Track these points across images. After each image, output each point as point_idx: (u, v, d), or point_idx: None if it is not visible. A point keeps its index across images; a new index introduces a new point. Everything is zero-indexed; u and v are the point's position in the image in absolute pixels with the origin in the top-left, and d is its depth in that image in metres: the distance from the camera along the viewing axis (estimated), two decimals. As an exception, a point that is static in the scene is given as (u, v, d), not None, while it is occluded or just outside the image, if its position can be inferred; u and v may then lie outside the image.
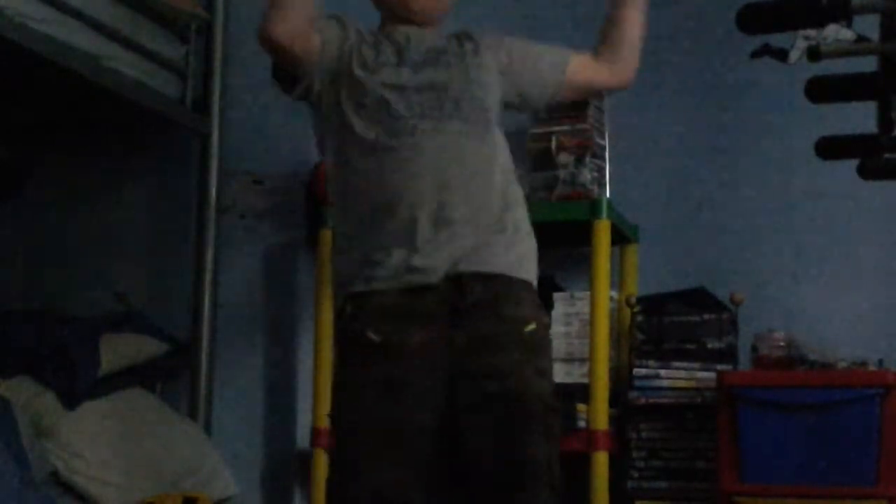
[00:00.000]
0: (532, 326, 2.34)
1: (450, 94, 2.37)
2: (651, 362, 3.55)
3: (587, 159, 3.59)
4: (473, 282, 2.29)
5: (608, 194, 3.65)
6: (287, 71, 2.41)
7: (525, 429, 2.28)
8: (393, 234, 2.30)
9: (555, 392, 2.39)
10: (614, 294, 3.66)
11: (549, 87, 2.55)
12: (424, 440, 2.26)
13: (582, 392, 3.45)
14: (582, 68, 2.57)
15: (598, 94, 2.67)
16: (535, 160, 3.62)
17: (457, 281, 2.28)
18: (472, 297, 2.28)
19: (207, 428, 3.74)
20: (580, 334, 3.57)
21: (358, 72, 2.37)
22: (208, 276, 3.80)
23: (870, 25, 2.49)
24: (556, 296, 3.64)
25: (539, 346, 2.38)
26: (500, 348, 2.29)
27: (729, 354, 3.52)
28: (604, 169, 3.69)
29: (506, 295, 2.32)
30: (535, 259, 2.41)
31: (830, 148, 2.67)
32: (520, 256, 2.37)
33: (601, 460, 3.36)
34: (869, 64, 2.58)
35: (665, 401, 3.52)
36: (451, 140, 2.34)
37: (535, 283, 2.40)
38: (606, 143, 3.71)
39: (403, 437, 2.25)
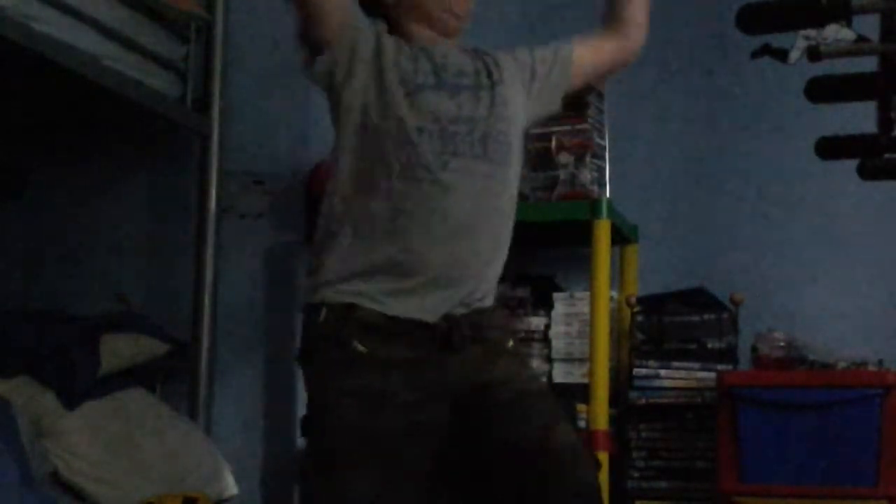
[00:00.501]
0: (511, 343, 2.37)
1: (479, 130, 2.27)
2: (651, 362, 3.55)
3: (587, 159, 3.60)
4: (461, 318, 2.27)
5: (608, 194, 3.65)
6: (311, 36, 2.27)
7: (554, 419, 2.25)
8: (397, 263, 2.24)
9: None
10: (614, 294, 3.66)
11: (563, 89, 2.47)
12: (408, 454, 2.23)
13: (582, 392, 3.45)
14: (588, 53, 2.48)
15: (608, 74, 2.59)
16: (535, 160, 3.62)
17: (446, 320, 2.26)
18: (459, 330, 2.25)
19: (207, 428, 3.74)
20: (580, 334, 3.57)
21: (396, 88, 2.25)
22: (208, 276, 3.80)
23: (870, 25, 2.49)
24: (556, 296, 3.64)
25: (522, 357, 2.45)
26: (495, 363, 2.29)
27: (729, 354, 3.52)
28: (604, 169, 3.69)
29: (487, 321, 2.31)
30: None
31: (830, 148, 2.67)
32: (495, 285, 2.37)
33: (601, 460, 3.36)
34: (869, 64, 2.58)
35: (665, 401, 3.52)
36: (478, 183, 2.26)
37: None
38: (606, 143, 3.71)
39: (385, 449, 2.21)
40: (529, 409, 2.26)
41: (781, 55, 2.63)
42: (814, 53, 2.53)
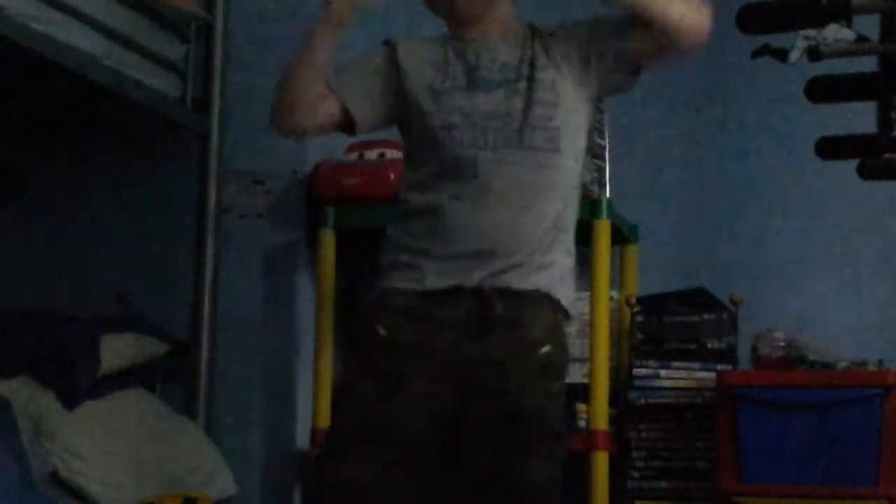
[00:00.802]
0: (547, 349, 2.31)
1: (515, 122, 2.30)
2: (651, 362, 3.55)
3: (587, 159, 3.59)
4: (495, 298, 2.27)
5: (608, 194, 3.65)
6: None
7: (527, 451, 2.25)
8: (432, 250, 2.30)
9: (562, 418, 2.38)
10: (614, 294, 3.66)
11: (626, 57, 2.34)
12: (411, 441, 2.25)
13: (582, 392, 3.45)
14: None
15: (668, 53, 2.33)
16: (535, 160, 3.62)
17: (479, 294, 2.27)
18: (492, 312, 2.26)
19: (207, 428, 3.73)
20: (580, 334, 3.57)
21: (424, 96, 2.34)
22: (208, 276, 3.80)
23: (870, 25, 2.50)
24: (557, 296, 3.64)
25: (552, 368, 2.33)
26: (511, 368, 2.27)
27: (729, 354, 3.52)
28: (604, 169, 3.69)
29: (525, 315, 2.29)
30: (565, 277, 2.37)
31: (830, 148, 2.68)
32: (549, 275, 2.33)
33: (601, 460, 3.36)
34: (869, 64, 2.58)
35: (665, 401, 3.52)
36: (512, 172, 2.29)
37: (563, 300, 2.36)
38: (606, 143, 3.71)
39: (389, 434, 2.24)
40: (508, 436, 2.25)
41: (781, 55, 2.62)
42: (814, 53, 2.54)
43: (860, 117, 2.63)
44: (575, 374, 3.57)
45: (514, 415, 2.26)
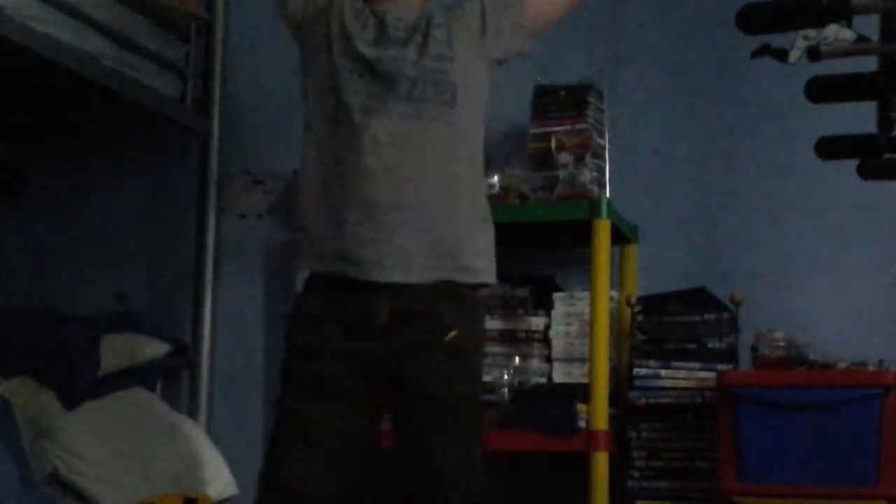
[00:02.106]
0: (453, 334, 2.33)
1: (413, 75, 2.32)
2: (651, 362, 3.55)
3: (587, 159, 3.59)
4: (395, 294, 2.29)
5: (608, 194, 3.65)
6: None
7: (440, 430, 2.30)
8: (327, 218, 2.31)
9: (478, 399, 2.43)
10: (614, 294, 3.65)
11: (522, 30, 2.47)
12: (339, 438, 2.31)
13: (582, 392, 3.44)
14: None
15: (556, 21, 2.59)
16: (535, 160, 3.62)
17: (379, 290, 2.29)
18: (395, 309, 2.29)
19: (207, 428, 3.74)
20: (580, 334, 3.57)
21: (334, 41, 2.38)
22: (208, 277, 3.80)
23: (870, 25, 2.49)
24: (556, 296, 3.64)
25: (462, 351, 2.36)
26: (424, 353, 2.31)
27: (729, 354, 3.52)
28: (604, 169, 3.69)
29: (425, 305, 2.32)
30: (476, 250, 2.37)
31: (830, 148, 2.67)
32: (447, 253, 2.34)
33: (601, 460, 3.36)
34: (869, 64, 2.58)
35: (665, 401, 3.52)
36: (405, 125, 2.30)
37: (474, 278, 2.38)
38: (606, 143, 3.71)
39: (316, 433, 2.31)
40: (425, 418, 2.31)
41: (781, 55, 2.62)
42: (814, 53, 2.53)
43: (860, 117, 2.63)
44: (575, 374, 3.58)
45: (428, 396, 2.31)
